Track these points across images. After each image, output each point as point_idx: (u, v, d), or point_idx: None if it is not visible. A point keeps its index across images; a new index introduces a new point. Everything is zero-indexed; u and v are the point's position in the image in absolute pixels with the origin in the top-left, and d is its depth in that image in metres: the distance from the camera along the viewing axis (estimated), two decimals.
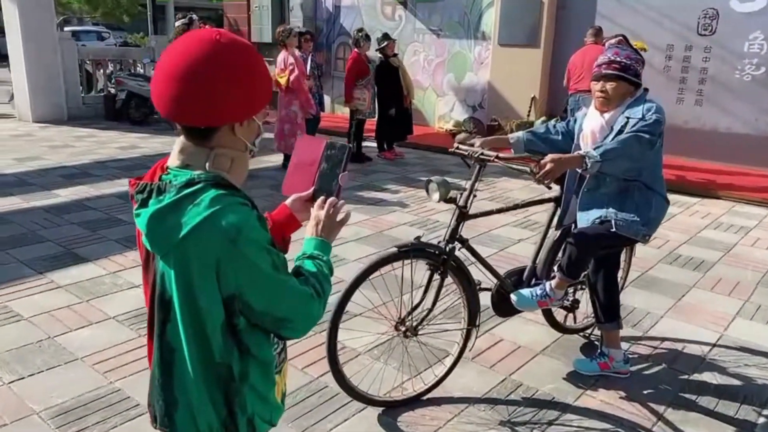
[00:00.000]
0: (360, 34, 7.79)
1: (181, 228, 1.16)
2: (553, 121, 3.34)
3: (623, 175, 2.67)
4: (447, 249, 2.66)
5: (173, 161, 1.27)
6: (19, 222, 5.19)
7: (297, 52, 7.76)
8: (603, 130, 2.75)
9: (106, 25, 27.87)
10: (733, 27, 7.76)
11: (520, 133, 3.04)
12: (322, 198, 1.48)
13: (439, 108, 10.81)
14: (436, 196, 2.62)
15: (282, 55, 7.24)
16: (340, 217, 1.48)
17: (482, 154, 2.67)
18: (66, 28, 21.55)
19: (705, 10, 7.92)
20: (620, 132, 2.67)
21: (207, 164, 1.23)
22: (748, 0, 7.62)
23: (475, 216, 2.77)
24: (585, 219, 2.81)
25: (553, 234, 3.10)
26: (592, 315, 3.15)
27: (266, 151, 8.33)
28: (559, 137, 3.01)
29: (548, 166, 2.46)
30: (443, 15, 10.38)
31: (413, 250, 2.60)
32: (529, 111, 9.37)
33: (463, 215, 2.70)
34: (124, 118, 10.51)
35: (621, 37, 2.82)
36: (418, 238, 2.62)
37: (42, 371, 2.96)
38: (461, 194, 2.72)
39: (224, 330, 1.23)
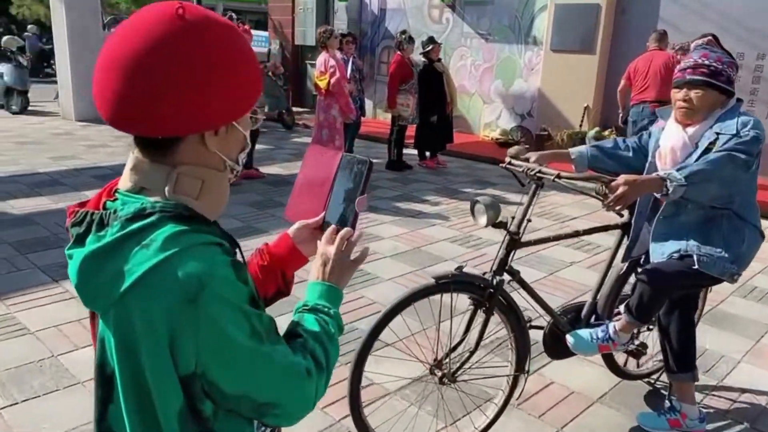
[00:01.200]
0: (403, 36, 7.44)
1: (122, 278, 0.83)
2: (614, 137, 2.87)
3: (710, 202, 2.22)
4: (494, 282, 2.27)
5: (124, 183, 0.93)
6: (44, 224, 5.01)
7: (338, 54, 7.47)
8: (686, 148, 2.31)
9: None
10: None
11: (582, 148, 2.62)
12: (332, 228, 1.13)
13: (485, 115, 10.37)
14: (483, 219, 2.23)
15: (322, 57, 6.94)
16: (354, 255, 1.12)
17: (540, 171, 2.27)
18: (113, 29, 21.87)
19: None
20: (707, 151, 2.23)
21: (167, 188, 0.89)
22: None
23: (529, 243, 2.37)
24: (660, 252, 2.37)
25: (619, 266, 2.67)
26: (660, 358, 2.71)
27: (301, 156, 8.08)
28: (630, 154, 2.58)
29: (621, 190, 2.04)
30: (492, 18, 9.95)
31: (454, 283, 2.21)
32: (582, 121, 8.84)
33: (514, 243, 2.30)
34: None
35: (710, 37, 2.38)
36: (460, 267, 2.24)
37: (38, 396, 2.69)
38: (512, 218, 2.32)
39: (184, 418, 0.88)
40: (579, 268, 4.51)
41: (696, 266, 2.25)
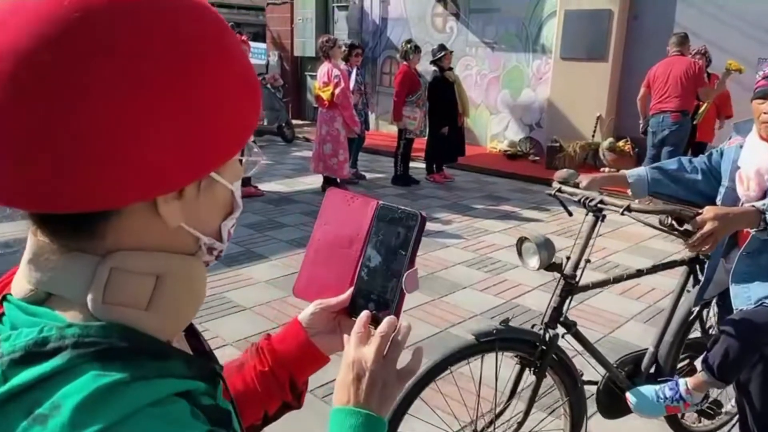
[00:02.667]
0: (408, 45, 7.06)
1: None
2: (680, 157, 2.47)
3: None
4: (547, 338, 1.85)
5: (19, 284, 0.53)
6: None
7: (343, 65, 7.09)
8: None
9: None
10: None
11: (641, 170, 2.21)
12: (366, 315, 0.73)
13: (492, 127, 9.97)
14: (534, 262, 1.81)
15: (325, 67, 6.56)
16: (402, 362, 0.72)
17: (602, 202, 1.85)
18: None
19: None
20: None
21: (90, 296, 0.50)
22: None
23: (587, 288, 1.95)
24: (745, 297, 1.95)
25: (685, 309, 2.24)
26: (727, 409, 2.29)
27: (303, 171, 7.68)
28: (699, 176, 2.17)
29: (710, 226, 1.63)
30: (498, 27, 9.58)
31: (500, 340, 1.79)
32: (594, 131, 8.44)
33: (571, 288, 1.88)
34: None
35: None
36: (506, 321, 1.82)
37: None
38: (567, 258, 1.90)
39: None
40: (610, 295, 4.09)
41: None
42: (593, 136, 8.43)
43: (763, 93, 1.91)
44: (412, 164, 7.71)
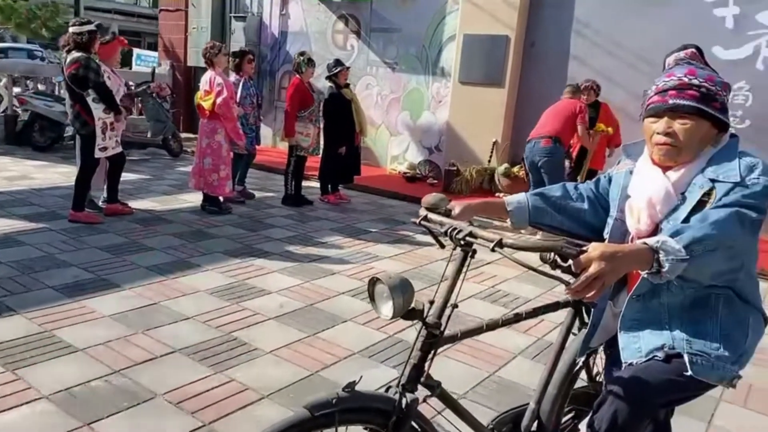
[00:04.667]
0: (301, 58, 6.65)
1: None
2: (564, 183, 2.20)
3: (710, 280, 1.54)
4: (404, 404, 1.46)
5: None
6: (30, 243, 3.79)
7: (233, 76, 6.60)
8: (669, 200, 1.64)
9: (43, 44, 25.70)
10: None
11: (521, 196, 1.90)
12: None
13: (392, 148, 9.74)
14: (387, 309, 1.43)
15: (208, 75, 6.04)
16: None
17: (471, 234, 1.49)
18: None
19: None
20: (700, 205, 1.57)
21: None
22: (733, 47, 6.92)
23: (455, 339, 1.59)
24: (634, 348, 1.66)
25: (571, 355, 1.95)
26: None
27: (184, 188, 7.02)
28: (585, 205, 1.89)
29: (595, 268, 1.32)
30: (399, 47, 9.41)
31: (343, 412, 1.38)
32: (491, 156, 8.41)
33: (434, 340, 1.50)
34: (26, 142, 8.96)
35: (693, 49, 1.75)
36: (351, 385, 1.41)
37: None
38: (430, 303, 1.53)
39: None
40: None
41: (689, 372, 1.55)
42: (489, 161, 8.39)
43: (655, 110, 1.66)
44: (306, 184, 7.26)
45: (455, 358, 3.33)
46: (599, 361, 2.17)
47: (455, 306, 1.51)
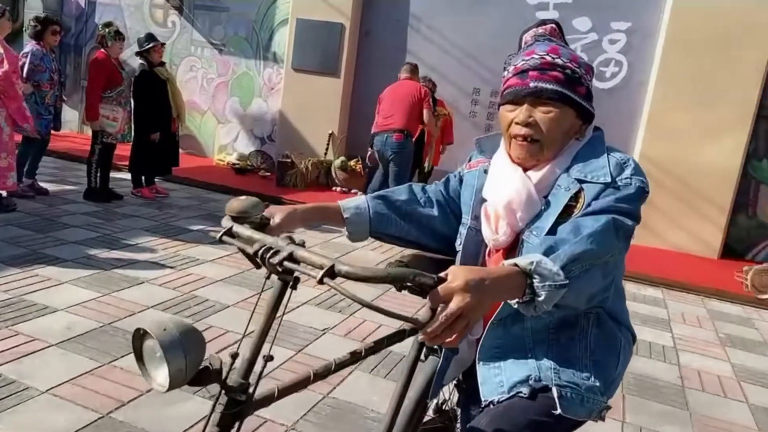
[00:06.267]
0: (107, 29, 5.71)
1: None
2: (410, 184, 1.87)
3: (588, 304, 1.28)
4: None
5: None
6: None
7: (30, 45, 5.48)
8: (531, 204, 1.36)
9: None
10: None
11: (360, 200, 1.52)
12: None
13: (220, 137, 9.00)
14: (161, 377, 0.95)
15: None
16: None
17: (291, 258, 1.06)
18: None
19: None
20: (568, 210, 1.31)
21: None
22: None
23: (270, 400, 1.14)
24: (495, 382, 1.36)
25: (418, 392, 1.61)
26: None
27: None
28: (434, 211, 1.56)
29: (458, 303, 0.98)
30: (227, 28, 8.69)
31: None
32: (327, 148, 8.08)
33: (239, 409, 1.06)
34: None
35: (553, 26, 1.48)
36: None
37: None
38: (232, 357, 1.07)
39: None
40: (335, 338, 3.46)
41: (558, 411, 1.28)
42: (326, 153, 8.07)
43: (514, 95, 1.36)
44: (116, 175, 6.32)
45: (282, 378, 2.89)
46: (450, 390, 1.88)
47: (270, 358, 1.08)
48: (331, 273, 0.98)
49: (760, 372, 3.86)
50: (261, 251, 1.08)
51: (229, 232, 1.18)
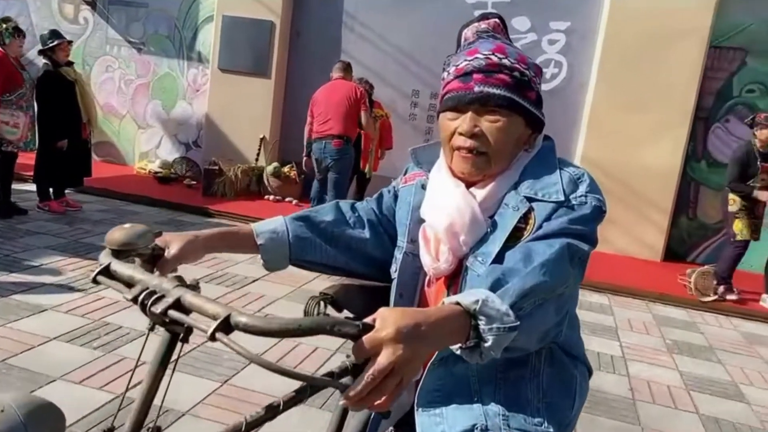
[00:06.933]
0: (5, 26, 5.28)
1: None
2: (337, 202, 1.74)
3: (540, 344, 1.15)
4: None
5: None
6: None
7: None
8: (476, 226, 1.22)
9: None
10: None
11: (277, 222, 1.34)
12: None
13: (140, 143, 8.60)
14: None
15: None
16: None
17: (179, 304, 0.87)
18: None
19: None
20: (517, 233, 1.18)
21: None
22: None
23: None
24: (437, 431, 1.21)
25: None
26: None
27: None
28: (365, 232, 1.40)
29: (388, 356, 0.82)
30: (147, 25, 8.30)
31: None
32: (258, 154, 7.83)
33: None
34: None
35: (496, 20, 1.35)
36: None
37: None
38: None
39: None
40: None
41: None
42: (257, 159, 7.81)
43: (456, 101, 1.22)
44: (20, 187, 5.86)
45: (206, 416, 2.66)
46: None
47: (157, 429, 0.88)
48: (226, 326, 0.80)
49: (708, 379, 3.90)
50: (141, 296, 0.88)
51: (106, 271, 0.98)
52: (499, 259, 1.16)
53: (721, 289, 5.53)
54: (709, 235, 7.05)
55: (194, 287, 0.92)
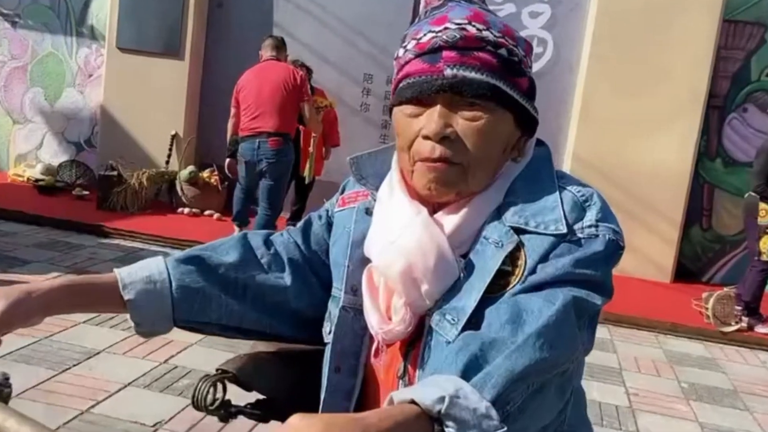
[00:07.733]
0: None
1: None
2: (244, 231, 1.53)
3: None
4: None
5: None
6: None
7: None
8: (443, 269, 1.04)
9: None
10: None
11: (153, 264, 1.14)
12: None
13: (17, 143, 8.52)
14: None
15: None
16: None
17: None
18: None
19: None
20: (501, 280, 1.00)
21: None
22: None
23: None
24: None
25: None
26: None
27: None
28: (285, 278, 1.20)
29: None
30: None
31: None
32: (169, 156, 7.73)
33: None
34: None
35: None
36: None
37: None
38: None
39: None
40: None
41: None
42: (168, 162, 7.74)
43: (419, 90, 1.03)
44: None
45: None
46: None
47: None
48: None
49: None
50: None
51: None
52: (476, 317, 0.98)
53: (747, 319, 5.53)
54: (727, 250, 7.12)
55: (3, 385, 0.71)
